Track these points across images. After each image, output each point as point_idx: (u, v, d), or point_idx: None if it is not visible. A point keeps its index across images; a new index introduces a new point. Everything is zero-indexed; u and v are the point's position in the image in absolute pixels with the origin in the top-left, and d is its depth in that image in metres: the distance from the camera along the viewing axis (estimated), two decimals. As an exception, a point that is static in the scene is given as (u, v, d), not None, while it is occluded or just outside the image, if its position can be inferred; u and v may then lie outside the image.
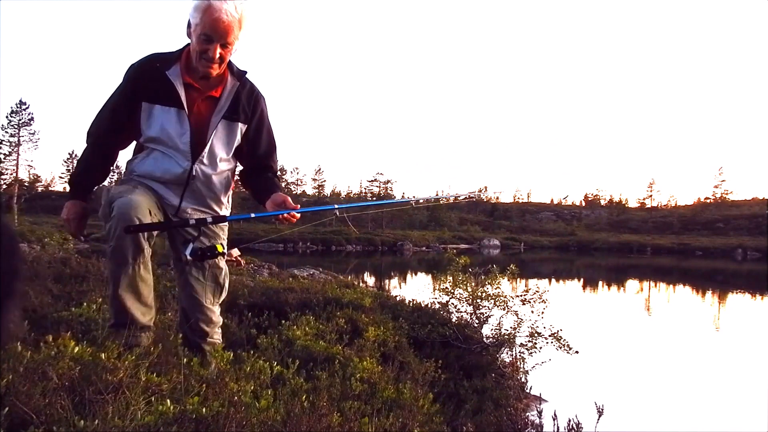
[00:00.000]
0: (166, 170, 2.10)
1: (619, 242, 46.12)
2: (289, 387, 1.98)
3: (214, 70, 1.99)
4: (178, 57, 2.05)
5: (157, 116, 2.02)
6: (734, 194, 64.14)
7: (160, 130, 2.03)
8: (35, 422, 1.31)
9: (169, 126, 2.03)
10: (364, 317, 3.87)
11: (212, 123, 2.09)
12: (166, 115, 2.02)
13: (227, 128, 2.13)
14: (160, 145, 2.07)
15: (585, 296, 13.69)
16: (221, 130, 2.11)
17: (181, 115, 2.03)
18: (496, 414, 2.90)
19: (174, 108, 2.02)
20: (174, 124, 2.03)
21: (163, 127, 2.03)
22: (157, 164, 2.09)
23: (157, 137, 2.05)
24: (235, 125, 2.14)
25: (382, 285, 14.05)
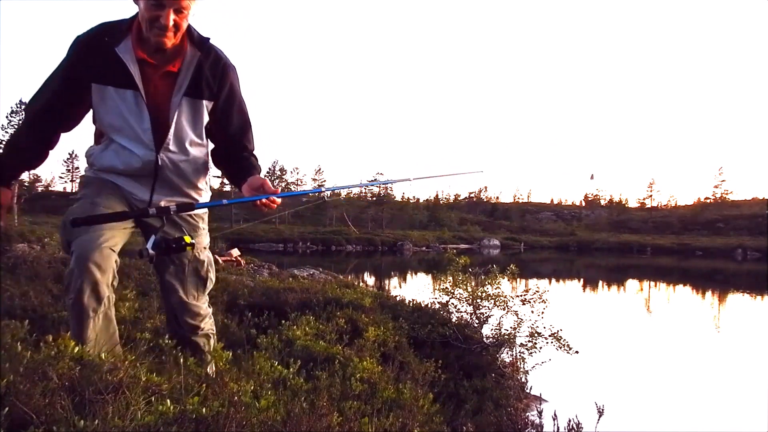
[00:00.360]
0: (128, 164, 1.87)
1: (619, 242, 46.11)
2: (289, 387, 1.98)
3: (168, 39, 1.73)
4: (128, 28, 1.77)
5: (111, 100, 1.78)
6: (734, 194, 64.13)
7: (118, 117, 1.80)
8: (35, 422, 1.31)
9: (126, 112, 1.79)
10: (364, 317, 3.87)
11: (173, 103, 1.83)
12: (121, 99, 1.78)
13: (191, 107, 1.87)
14: (119, 135, 1.84)
15: (585, 296, 13.69)
16: (185, 110, 1.86)
17: (138, 99, 1.78)
18: (496, 414, 2.90)
19: (129, 90, 1.77)
20: (131, 109, 1.79)
21: (120, 114, 1.79)
22: (119, 157, 1.87)
23: (115, 125, 1.82)
24: (199, 103, 1.88)
25: (382, 285, 14.05)
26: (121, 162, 1.87)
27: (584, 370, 4.95)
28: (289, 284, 5.01)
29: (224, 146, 2.05)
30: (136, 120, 1.80)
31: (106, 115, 1.81)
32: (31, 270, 4.38)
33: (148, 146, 1.84)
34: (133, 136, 1.82)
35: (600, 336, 7.35)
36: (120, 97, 1.77)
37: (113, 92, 1.77)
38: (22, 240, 6.99)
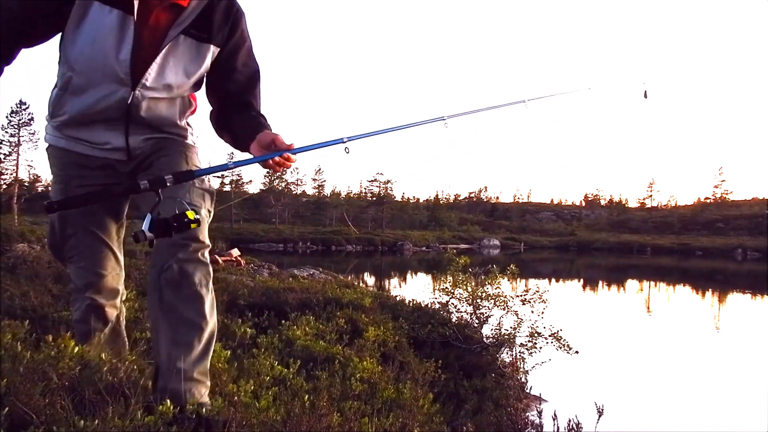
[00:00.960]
0: (91, 106, 1.55)
1: (619, 242, 46.11)
2: (289, 387, 1.98)
3: None
4: None
5: (90, 22, 1.43)
6: (734, 194, 64.14)
7: (90, 43, 1.45)
8: (35, 422, 1.31)
9: (103, 36, 1.44)
10: (364, 317, 3.87)
11: (168, 36, 1.51)
12: (102, 18, 1.42)
13: (192, 49, 1.56)
14: (85, 68, 1.50)
15: (585, 296, 13.70)
16: (182, 50, 1.55)
17: (126, 22, 1.44)
18: (496, 414, 2.90)
19: (116, 10, 1.42)
20: (112, 33, 1.44)
21: (93, 39, 1.44)
22: (80, 99, 1.55)
23: (85, 53, 1.47)
24: (204, 47, 1.57)
25: (382, 285, 14.05)
26: (84, 104, 1.55)
27: (584, 370, 4.95)
28: (289, 284, 5.01)
29: (225, 103, 1.72)
30: (113, 47, 1.45)
31: (76, 40, 1.46)
32: (31, 270, 4.37)
33: (122, 81, 1.51)
34: (103, 69, 1.48)
35: (600, 336, 7.35)
36: (102, 16, 1.42)
37: (97, 8, 1.41)
38: (22, 240, 6.99)
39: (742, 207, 60.20)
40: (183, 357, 1.49)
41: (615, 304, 11.99)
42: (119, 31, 1.43)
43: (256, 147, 1.57)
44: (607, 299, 13.00)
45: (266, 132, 1.58)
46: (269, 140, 1.54)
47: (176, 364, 1.48)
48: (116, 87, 1.51)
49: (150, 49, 1.49)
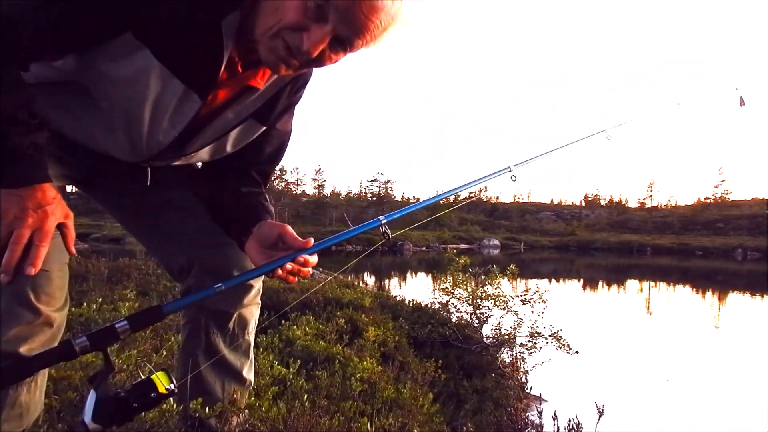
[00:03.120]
0: (89, 136, 1.19)
1: (619, 242, 46.12)
2: (289, 387, 1.98)
3: (283, 70, 1.03)
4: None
5: (140, 75, 1.01)
6: (734, 194, 64.24)
7: (132, 100, 1.05)
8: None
9: (152, 104, 1.06)
10: (364, 317, 3.88)
11: (225, 120, 1.17)
12: (163, 85, 1.03)
13: (244, 128, 1.23)
14: (105, 107, 1.09)
15: (585, 296, 13.69)
16: (236, 131, 1.22)
17: (189, 101, 1.07)
18: (496, 414, 2.90)
19: (183, 86, 1.04)
20: (164, 103, 1.07)
21: (140, 99, 1.05)
22: (81, 126, 1.16)
23: (114, 100, 1.07)
24: (256, 127, 1.25)
25: (382, 285, 14.05)
26: (79, 131, 1.18)
27: (584, 370, 4.95)
28: (289, 284, 5.01)
29: (227, 175, 1.33)
30: (158, 119, 1.09)
31: (109, 76, 1.03)
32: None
33: (142, 152, 1.17)
34: (129, 127, 1.12)
35: (600, 336, 7.35)
36: (163, 82, 1.03)
37: (157, 69, 1.01)
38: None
39: (742, 207, 60.23)
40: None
41: (615, 304, 11.99)
42: (176, 106, 1.08)
43: (256, 247, 1.19)
44: (607, 299, 13.00)
45: (269, 223, 1.21)
46: (274, 237, 1.16)
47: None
48: (133, 150, 1.18)
49: (194, 122, 1.13)
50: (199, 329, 1.37)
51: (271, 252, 1.16)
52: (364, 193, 64.99)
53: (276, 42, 0.97)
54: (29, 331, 1.02)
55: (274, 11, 0.96)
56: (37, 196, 0.93)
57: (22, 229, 0.91)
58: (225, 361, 1.41)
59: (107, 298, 3.58)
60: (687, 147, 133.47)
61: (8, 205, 0.91)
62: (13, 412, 1.05)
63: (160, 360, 2.15)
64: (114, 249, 12.84)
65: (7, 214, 0.90)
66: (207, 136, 1.18)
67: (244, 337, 1.42)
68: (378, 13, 0.93)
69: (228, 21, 0.97)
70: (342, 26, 0.94)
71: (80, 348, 0.92)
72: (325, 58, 1.01)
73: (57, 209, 0.96)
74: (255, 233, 1.21)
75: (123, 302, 3.30)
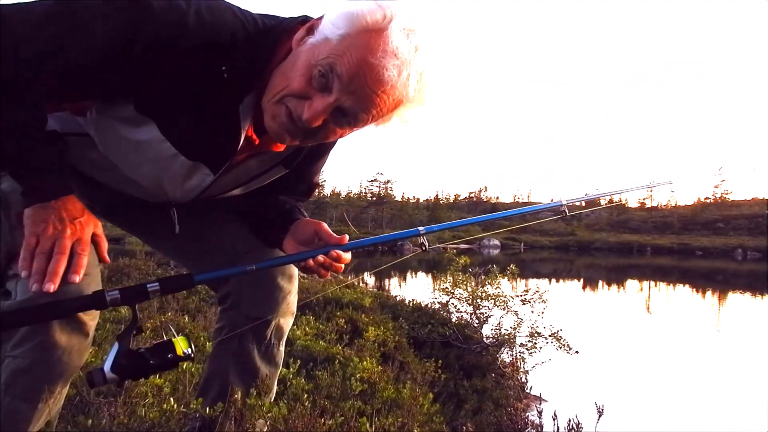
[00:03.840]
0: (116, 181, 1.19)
1: (619, 242, 46.17)
2: (289, 387, 1.98)
3: (288, 140, 1.02)
4: (260, 74, 0.98)
5: (148, 144, 1.02)
6: (734, 194, 64.20)
7: (138, 165, 1.08)
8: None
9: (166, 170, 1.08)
10: (364, 317, 3.88)
11: (248, 167, 1.17)
12: (167, 155, 1.04)
13: (267, 175, 1.23)
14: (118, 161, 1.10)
15: (585, 296, 13.70)
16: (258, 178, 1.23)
17: (201, 174, 1.09)
18: (496, 414, 2.90)
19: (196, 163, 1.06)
20: (178, 173, 1.08)
21: (145, 161, 1.07)
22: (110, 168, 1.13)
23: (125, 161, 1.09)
24: (279, 170, 1.22)
25: (382, 285, 14.05)
26: (114, 179, 1.18)
27: (584, 370, 4.95)
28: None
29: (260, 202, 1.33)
30: (175, 181, 1.11)
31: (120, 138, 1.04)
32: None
33: (162, 199, 1.19)
34: (155, 180, 1.11)
35: (600, 336, 7.35)
36: (171, 156, 1.04)
37: (164, 144, 1.02)
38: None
39: (742, 207, 60.25)
40: None
41: (615, 304, 11.99)
42: (186, 175, 1.08)
43: (293, 243, 1.20)
44: (607, 299, 13.00)
45: (305, 221, 1.22)
46: (311, 233, 1.18)
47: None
48: (156, 194, 1.17)
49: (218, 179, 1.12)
50: (235, 334, 1.34)
51: (307, 247, 1.18)
52: (364, 193, 64.98)
53: (279, 108, 0.96)
54: (64, 339, 0.98)
55: (282, 76, 0.95)
56: (69, 207, 0.95)
57: (65, 239, 0.92)
58: (256, 370, 1.38)
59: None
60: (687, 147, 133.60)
61: (45, 216, 0.92)
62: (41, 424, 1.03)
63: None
64: (114, 249, 12.85)
65: (47, 225, 0.92)
66: (227, 183, 1.18)
67: (279, 347, 1.41)
68: (383, 86, 0.90)
69: (245, 104, 0.96)
70: (346, 98, 0.92)
71: (111, 299, 0.95)
72: (329, 130, 0.99)
73: (89, 219, 0.99)
74: (292, 230, 1.22)
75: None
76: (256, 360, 1.37)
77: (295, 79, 0.93)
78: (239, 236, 1.35)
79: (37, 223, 0.91)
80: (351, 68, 0.89)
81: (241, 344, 1.36)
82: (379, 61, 0.88)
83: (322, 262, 1.11)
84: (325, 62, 0.90)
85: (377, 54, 0.88)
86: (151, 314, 3.25)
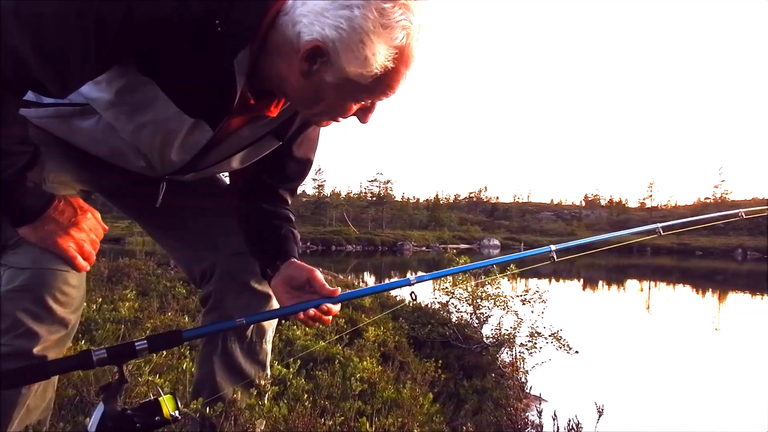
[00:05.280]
0: (106, 155, 1.19)
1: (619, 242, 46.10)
2: (289, 387, 1.98)
3: (323, 125, 1.16)
4: (253, 29, 0.96)
5: (148, 103, 1.01)
6: (734, 194, 64.23)
7: (139, 128, 1.07)
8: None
9: (159, 128, 1.07)
10: (364, 317, 3.88)
11: (241, 137, 1.17)
12: (167, 113, 1.02)
13: (261, 144, 1.23)
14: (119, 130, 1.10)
15: (585, 296, 13.69)
16: (251, 147, 1.22)
17: (200, 131, 1.08)
18: (496, 414, 2.90)
19: (191, 120, 1.05)
20: (174, 131, 1.07)
21: (145, 126, 1.07)
22: (97, 142, 1.14)
23: (125, 128, 1.09)
24: (272, 142, 1.23)
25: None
26: (103, 152, 1.18)
27: (584, 370, 4.95)
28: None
29: (258, 185, 1.32)
30: (170, 145, 1.11)
31: (116, 105, 1.04)
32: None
33: (157, 170, 1.21)
34: (146, 152, 1.15)
35: (600, 336, 7.35)
36: (171, 113, 1.03)
37: (165, 101, 1.01)
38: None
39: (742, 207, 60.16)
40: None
41: (615, 304, 11.99)
42: (187, 134, 1.08)
43: (283, 287, 1.20)
44: (607, 299, 13.00)
45: (298, 265, 1.21)
46: (303, 279, 1.19)
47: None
48: (147, 168, 1.20)
49: (208, 142, 1.13)
50: (217, 336, 1.38)
51: (298, 293, 1.19)
52: (364, 193, 64.97)
53: (319, 111, 1.07)
54: (43, 331, 1.03)
55: (298, 75, 0.98)
56: (60, 209, 1.03)
57: (69, 237, 1.04)
58: (240, 369, 1.41)
59: (107, 298, 3.59)
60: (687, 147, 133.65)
61: (43, 234, 1.01)
62: (23, 411, 1.07)
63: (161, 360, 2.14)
64: (114, 249, 12.84)
65: (53, 238, 1.02)
66: (221, 153, 1.19)
67: (261, 345, 1.43)
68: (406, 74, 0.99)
69: (240, 59, 0.96)
70: (379, 99, 1.04)
71: (98, 359, 0.95)
72: (363, 115, 1.11)
73: (84, 213, 1.08)
74: (283, 272, 1.22)
75: (123, 302, 3.30)
76: (240, 360, 1.40)
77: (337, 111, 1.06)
78: (231, 236, 1.35)
79: (44, 240, 1.01)
80: (390, 82, 0.98)
81: (224, 346, 1.38)
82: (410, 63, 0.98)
83: (312, 315, 1.13)
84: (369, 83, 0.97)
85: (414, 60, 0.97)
86: (152, 314, 3.25)
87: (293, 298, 1.19)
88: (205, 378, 1.41)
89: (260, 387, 1.43)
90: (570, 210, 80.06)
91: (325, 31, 0.90)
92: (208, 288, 1.39)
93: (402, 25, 0.90)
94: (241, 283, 1.33)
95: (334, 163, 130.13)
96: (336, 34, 0.90)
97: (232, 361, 1.39)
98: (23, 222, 0.99)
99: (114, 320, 2.88)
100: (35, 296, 1.02)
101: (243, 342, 1.40)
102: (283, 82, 1.02)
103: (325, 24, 0.90)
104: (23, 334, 1.00)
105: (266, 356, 1.46)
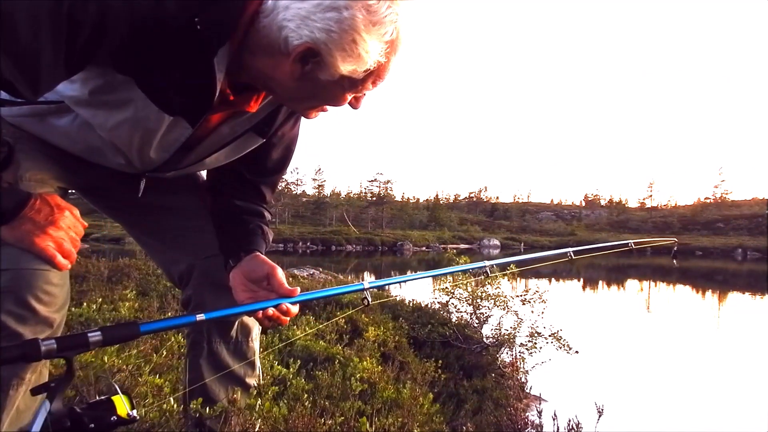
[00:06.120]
0: (83, 151, 1.18)
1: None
2: (290, 387, 1.98)
3: (312, 116, 1.15)
4: (232, 26, 0.94)
5: (125, 102, 1.01)
6: (734, 194, 64.30)
7: (116, 126, 1.06)
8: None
9: (144, 132, 1.07)
10: (364, 317, 3.88)
11: (221, 135, 1.17)
12: (145, 111, 1.02)
13: (242, 141, 1.22)
14: (100, 129, 1.09)
15: (585, 296, 13.69)
16: (232, 145, 1.21)
17: (179, 128, 1.08)
18: (496, 414, 2.90)
19: (170, 118, 1.05)
20: (153, 129, 1.07)
21: (133, 122, 1.05)
22: (70, 139, 1.14)
23: (102, 124, 1.07)
24: (254, 139, 1.23)
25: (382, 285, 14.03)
26: (85, 148, 1.16)
27: (584, 370, 4.95)
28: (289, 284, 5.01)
29: (235, 177, 1.33)
30: (149, 143, 1.11)
31: (93, 103, 1.03)
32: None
33: (137, 167, 1.20)
34: (125, 149, 1.14)
35: (600, 336, 7.35)
36: (149, 111, 1.02)
37: (143, 100, 1.00)
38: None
39: (742, 207, 60.30)
40: None
41: (615, 304, 11.99)
42: (165, 132, 1.08)
43: (240, 278, 1.19)
44: (607, 299, 13.00)
45: (260, 259, 1.20)
46: (262, 275, 1.17)
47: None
48: (126, 166, 1.19)
49: (187, 140, 1.12)
50: (202, 337, 1.37)
51: (254, 288, 1.18)
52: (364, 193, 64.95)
53: (312, 107, 1.10)
54: (28, 332, 1.01)
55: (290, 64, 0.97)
56: (36, 208, 0.99)
57: (47, 236, 1.00)
58: (228, 369, 1.41)
59: (107, 298, 3.59)
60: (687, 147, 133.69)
61: (20, 234, 0.98)
62: (12, 412, 1.04)
63: (161, 360, 2.15)
64: (114, 249, 12.84)
65: (30, 238, 0.98)
66: (201, 151, 1.19)
67: (247, 344, 1.42)
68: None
69: (219, 56, 0.95)
70: (371, 88, 1.04)
71: (45, 350, 0.84)
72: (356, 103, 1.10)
73: (61, 211, 1.03)
74: (244, 264, 1.21)
75: (123, 302, 3.30)
76: (228, 360, 1.39)
77: (329, 102, 1.07)
78: (209, 238, 1.34)
79: (21, 241, 0.98)
80: (382, 71, 1.00)
81: (210, 348, 1.37)
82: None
83: (271, 315, 1.11)
84: (360, 73, 0.97)
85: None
86: (152, 314, 3.25)
87: (248, 291, 1.18)
88: (195, 383, 1.39)
89: (259, 387, 1.43)
90: (570, 210, 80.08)
91: (314, 34, 0.90)
92: (187, 291, 1.38)
93: (390, 20, 0.92)
94: (219, 285, 1.30)
95: (334, 163, 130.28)
96: (327, 37, 0.90)
97: (220, 362, 1.39)
98: (8, 218, 0.97)
99: (114, 320, 2.88)
100: (17, 297, 0.99)
101: (229, 343, 1.39)
102: (270, 81, 1.02)
103: (314, 28, 0.90)
104: (7, 336, 0.98)
105: (254, 354, 1.45)
